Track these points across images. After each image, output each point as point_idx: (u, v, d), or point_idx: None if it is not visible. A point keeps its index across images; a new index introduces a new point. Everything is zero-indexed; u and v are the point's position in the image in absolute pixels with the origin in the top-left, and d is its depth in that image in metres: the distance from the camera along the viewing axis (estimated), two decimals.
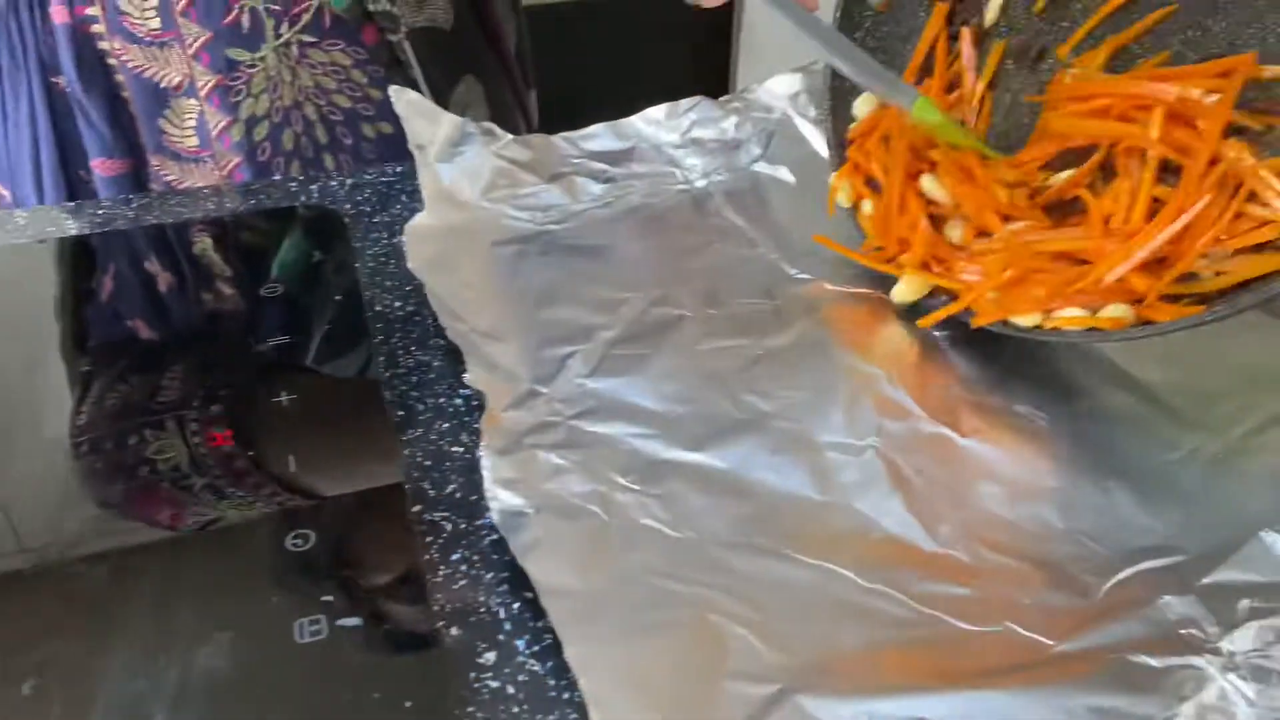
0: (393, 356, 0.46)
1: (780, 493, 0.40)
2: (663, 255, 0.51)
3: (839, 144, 0.53)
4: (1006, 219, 0.46)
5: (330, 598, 0.31)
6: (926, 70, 0.53)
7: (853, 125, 0.53)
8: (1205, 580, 0.36)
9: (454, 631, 0.35)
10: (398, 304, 0.49)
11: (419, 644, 0.31)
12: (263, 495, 0.34)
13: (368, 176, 0.58)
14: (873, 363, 0.46)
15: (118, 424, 0.37)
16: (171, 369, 0.40)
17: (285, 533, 0.33)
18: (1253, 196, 0.40)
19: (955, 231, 0.48)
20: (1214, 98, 0.43)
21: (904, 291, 0.48)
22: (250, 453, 0.35)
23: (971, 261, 0.46)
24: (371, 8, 0.58)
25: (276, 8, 0.58)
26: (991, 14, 0.51)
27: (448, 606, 0.36)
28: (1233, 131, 0.42)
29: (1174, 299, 0.41)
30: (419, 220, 0.51)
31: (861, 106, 0.53)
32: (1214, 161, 0.41)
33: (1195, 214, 0.40)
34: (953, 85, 0.52)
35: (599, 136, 0.57)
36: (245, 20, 0.57)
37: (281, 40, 0.58)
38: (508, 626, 0.36)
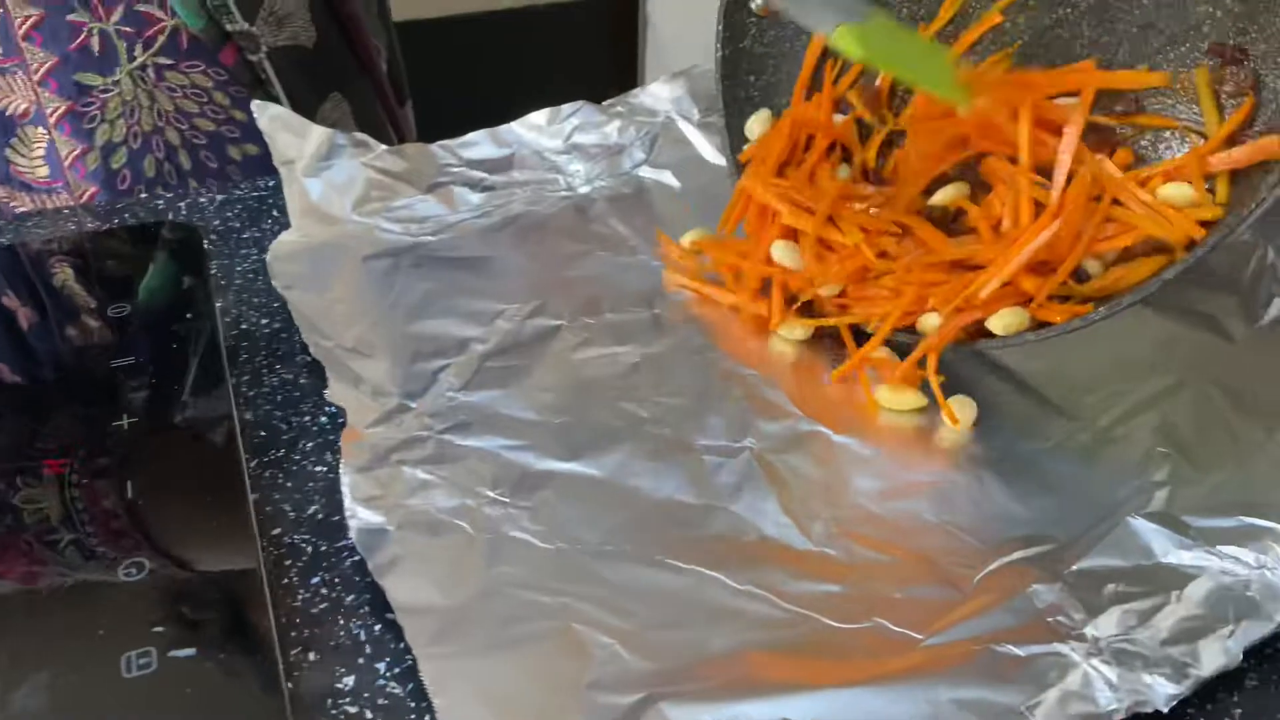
0: (257, 376, 0.45)
1: (655, 499, 0.39)
2: (542, 264, 0.51)
3: (736, 166, 0.52)
4: (883, 254, 0.45)
5: (161, 629, 0.29)
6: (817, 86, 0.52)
7: (746, 146, 0.52)
8: (1074, 567, 0.36)
9: (312, 657, 0.34)
10: (264, 322, 0.47)
11: (263, 672, 0.29)
12: (96, 524, 0.32)
13: (238, 192, 0.56)
14: (751, 366, 0.45)
15: None
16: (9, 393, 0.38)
17: (118, 562, 0.31)
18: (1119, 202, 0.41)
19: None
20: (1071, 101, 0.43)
21: (792, 331, 0.46)
22: (84, 480, 0.33)
23: (861, 300, 0.46)
24: (229, 27, 0.57)
25: (128, 30, 0.56)
26: None
27: (306, 632, 0.35)
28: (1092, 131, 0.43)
29: (1064, 299, 0.41)
30: (284, 238, 0.49)
31: (754, 127, 0.52)
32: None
33: (1064, 222, 0.41)
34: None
35: (478, 144, 0.56)
36: (95, 44, 0.55)
37: (136, 63, 0.56)
38: (369, 649, 0.34)
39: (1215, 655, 0.32)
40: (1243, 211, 0.38)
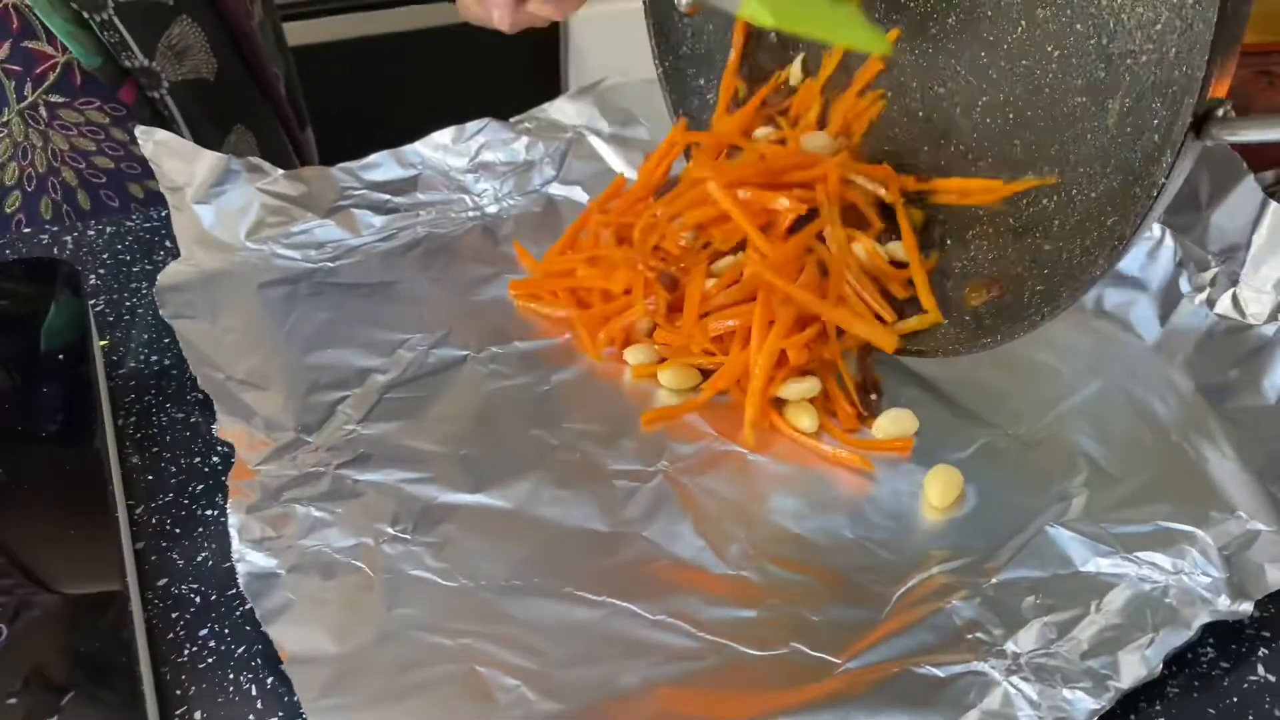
0: (145, 416, 0.42)
1: (565, 528, 0.38)
2: (448, 290, 0.49)
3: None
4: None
5: (16, 699, 0.27)
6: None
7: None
8: (994, 580, 0.35)
9: (198, 716, 0.32)
10: (154, 359, 0.45)
11: None
12: None
13: (129, 224, 0.53)
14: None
15: None
16: None
17: None
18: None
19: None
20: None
21: (671, 379, 0.44)
22: None
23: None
24: (128, 64, 0.54)
25: (16, 68, 0.53)
26: (795, 75, 0.51)
27: (192, 688, 0.33)
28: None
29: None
30: (173, 268, 0.47)
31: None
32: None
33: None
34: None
35: (380, 165, 0.54)
36: None
37: (26, 102, 0.53)
38: (260, 704, 0.32)
39: (1134, 666, 0.32)
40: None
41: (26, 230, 0.55)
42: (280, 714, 0.32)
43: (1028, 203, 0.42)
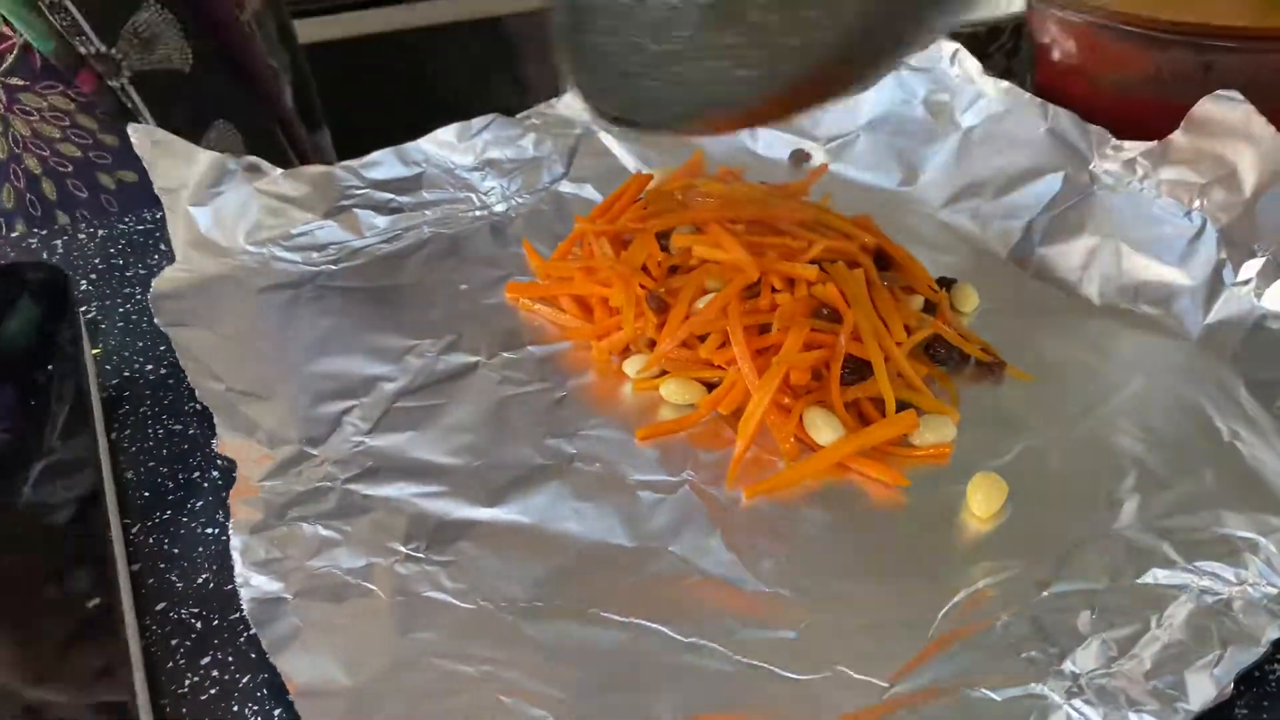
0: (141, 428, 0.40)
1: (587, 543, 0.35)
2: (457, 293, 0.47)
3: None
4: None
5: None
6: None
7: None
8: (1044, 594, 0.33)
9: None
10: (149, 368, 0.43)
11: None
12: None
13: (121, 226, 0.51)
14: None
15: None
16: None
17: None
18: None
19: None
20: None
21: (673, 392, 0.42)
22: None
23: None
24: (83, 50, 0.51)
25: None
26: None
27: None
28: None
29: None
30: (168, 273, 0.45)
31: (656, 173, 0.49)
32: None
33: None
34: None
35: (383, 164, 0.52)
36: None
37: None
38: None
39: (1204, 686, 0.30)
40: None
41: (13, 235, 0.52)
42: None
43: None
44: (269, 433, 0.38)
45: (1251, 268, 0.43)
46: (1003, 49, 0.66)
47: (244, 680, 0.32)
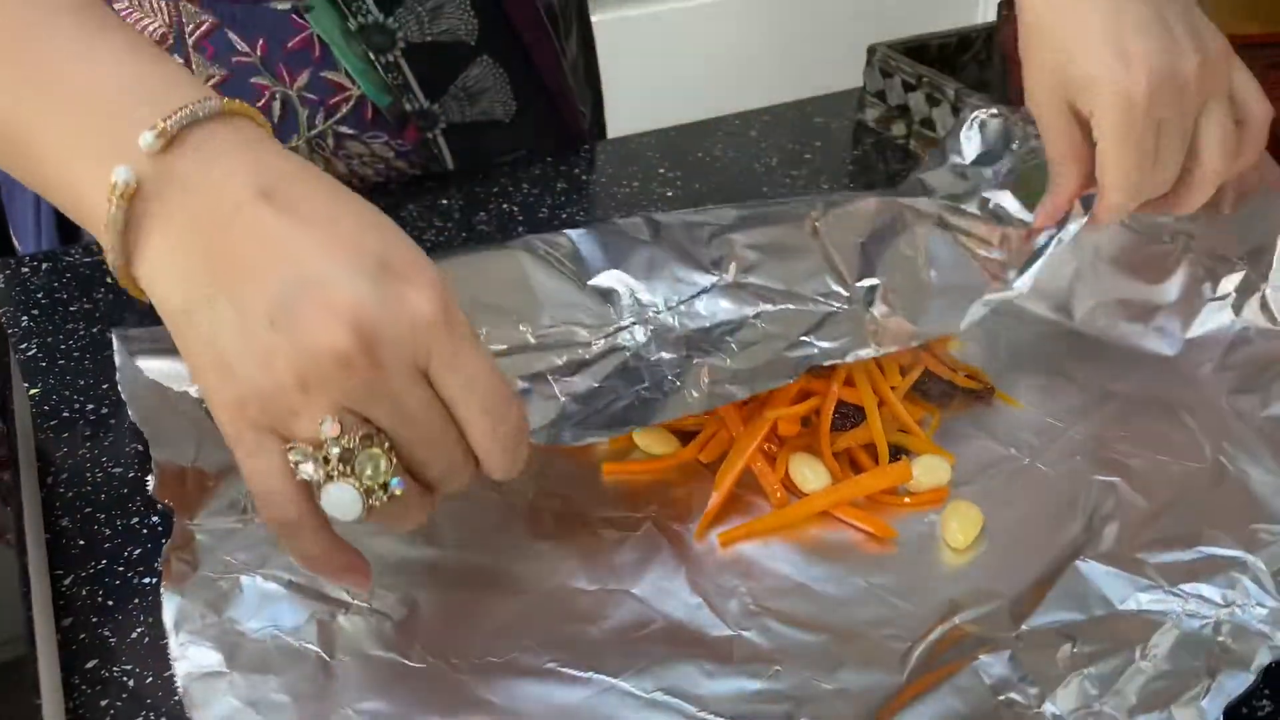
0: (78, 473, 0.38)
1: (545, 589, 0.34)
2: None
3: None
4: None
5: None
6: None
7: None
8: (1024, 627, 0.32)
9: None
10: (89, 408, 0.41)
11: None
12: None
13: (67, 259, 0.49)
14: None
15: None
16: None
17: None
18: None
19: None
20: None
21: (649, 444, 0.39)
22: None
23: None
24: (408, 107, 0.52)
25: (312, 97, 0.51)
26: None
27: None
28: None
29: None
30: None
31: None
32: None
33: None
34: None
35: None
36: (276, 108, 0.50)
37: (315, 131, 0.51)
38: None
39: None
40: None
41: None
42: None
43: None
44: (208, 461, 0.36)
45: (1230, 282, 0.42)
46: (976, 59, 0.65)
47: None
